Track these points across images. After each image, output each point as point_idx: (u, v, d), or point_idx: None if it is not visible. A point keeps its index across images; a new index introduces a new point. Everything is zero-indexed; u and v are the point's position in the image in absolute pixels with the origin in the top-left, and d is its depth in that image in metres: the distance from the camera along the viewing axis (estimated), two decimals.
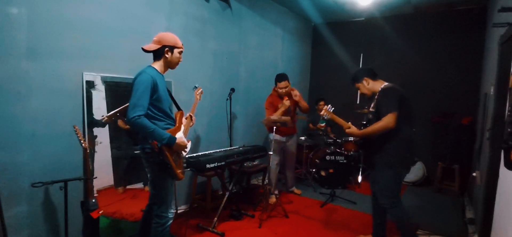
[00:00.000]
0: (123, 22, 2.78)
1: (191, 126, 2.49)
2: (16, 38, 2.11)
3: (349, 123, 2.64)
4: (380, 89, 2.57)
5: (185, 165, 2.28)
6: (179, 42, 2.20)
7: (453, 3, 4.59)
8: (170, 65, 2.21)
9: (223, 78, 3.99)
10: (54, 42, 2.30)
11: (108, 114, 2.68)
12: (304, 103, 3.84)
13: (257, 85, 4.66)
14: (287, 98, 3.69)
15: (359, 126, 2.69)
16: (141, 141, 2.14)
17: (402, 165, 2.50)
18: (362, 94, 2.73)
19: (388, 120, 2.35)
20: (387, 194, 2.51)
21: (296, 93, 3.72)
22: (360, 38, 5.62)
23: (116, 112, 2.72)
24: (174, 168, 2.11)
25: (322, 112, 2.74)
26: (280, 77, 3.73)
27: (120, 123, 2.72)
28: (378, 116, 2.47)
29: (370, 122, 2.62)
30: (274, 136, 3.57)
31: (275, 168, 3.90)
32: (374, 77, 2.63)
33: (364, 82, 2.62)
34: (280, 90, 3.73)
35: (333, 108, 2.74)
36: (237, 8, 4.14)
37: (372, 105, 2.64)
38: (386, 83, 2.58)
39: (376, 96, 2.60)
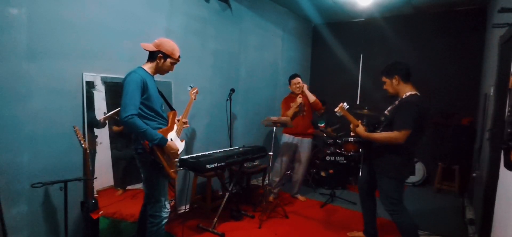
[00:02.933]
0: (123, 23, 2.78)
1: (184, 127, 2.50)
2: (16, 39, 2.11)
3: (359, 121, 2.57)
4: (403, 96, 2.43)
5: (177, 164, 2.28)
6: (176, 54, 2.22)
7: (453, 3, 4.59)
8: (159, 71, 2.22)
9: (223, 78, 3.99)
10: (54, 43, 2.30)
11: (107, 114, 2.68)
12: (313, 97, 3.83)
13: (257, 86, 4.66)
14: (301, 95, 3.77)
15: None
16: (133, 141, 2.15)
17: (404, 176, 2.47)
18: (384, 89, 2.58)
19: (399, 135, 2.28)
20: (390, 201, 2.47)
21: (304, 87, 3.84)
22: (360, 39, 5.62)
23: (116, 113, 2.72)
24: (166, 168, 2.12)
25: (336, 109, 2.67)
26: (293, 75, 3.93)
27: (114, 128, 2.72)
28: (390, 123, 2.39)
29: (380, 125, 2.54)
30: (283, 135, 3.79)
31: (281, 168, 3.89)
32: (406, 79, 2.46)
33: (394, 80, 2.47)
34: (294, 87, 3.85)
35: (348, 106, 2.66)
36: (237, 9, 4.14)
37: (389, 108, 2.54)
38: (411, 93, 2.42)
39: (396, 102, 2.48)
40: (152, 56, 2.17)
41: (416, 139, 2.35)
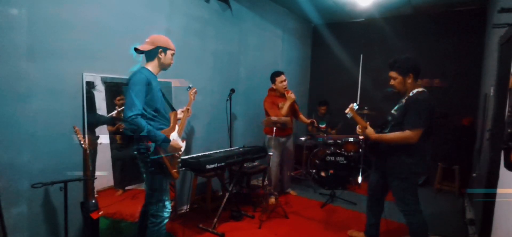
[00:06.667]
0: (123, 23, 2.78)
1: (188, 117, 2.54)
2: (16, 39, 2.11)
3: (367, 123, 2.50)
4: (411, 94, 2.35)
5: (180, 164, 2.29)
6: (172, 45, 2.25)
7: (453, 3, 4.59)
8: (163, 66, 2.24)
9: (223, 79, 3.99)
10: (54, 43, 2.30)
11: (119, 109, 2.71)
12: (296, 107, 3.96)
13: (257, 86, 4.65)
14: (289, 92, 3.74)
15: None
16: (136, 141, 2.15)
17: (417, 176, 2.43)
18: (391, 85, 2.48)
19: (412, 135, 2.22)
20: (405, 202, 2.42)
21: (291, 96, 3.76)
22: (360, 39, 5.62)
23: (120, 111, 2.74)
24: (169, 168, 2.13)
25: (347, 111, 2.55)
26: (278, 73, 3.83)
27: (109, 127, 2.73)
28: (399, 122, 2.33)
29: (387, 124, 2.48)
30: (273, 136, 3.59)
31: (276, 168, 3.90)
32: (417, 78, 2.39)
33: (408, 78, 2.36)
34: (280, 84, 3.78)
35: (357, 106, 2.57)
36: (237, 9, 4.14)
37: (395, 108, 2.47)
38: (419, 89, 2.35)
39: (404, 99, 2.40)
40: (151, 54, 2.17)
41: (426, 137, 2.29)
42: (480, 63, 4.54)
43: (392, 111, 2.49)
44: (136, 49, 2.16)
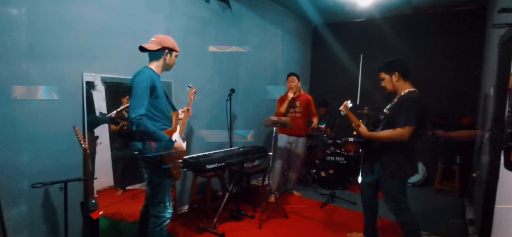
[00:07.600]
0: (123, 23, 2.78)
1: (188, 117, 2.56)
2: (16, 39, 2.11)
3: (361, 121, 2.54)
4: (403, 93, 2.42)
5: (181, 165, 2.29)
6: (177, 47, 2.27)
7: (453, 3, 4.59)
8: (166, 67, 2.25)
9: (223, 79, 3.99)
10: (54, 43, 2.30)
11: (118, 110, 2.72)
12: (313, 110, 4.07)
13: (257, 86, 4.66)
14: (291, 91, 3.87)
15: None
16: (138, 141, 2.14)
17: (407, 175, 2.46)
18: (382, 86, 2.56)
19: (403, 132, 2.26)
20: (395, 200, 2.45)
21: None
22: (360, 39, 5.62)
23: (124, 108, 2.74)
24: (171, 168, 2.13)
25: (341, 108, 2.61)
26: (288, 74, 4.03)
27: (112, 127, 2.73)
28: (391, 121, 2.37)
29: (379, 124, 2.52)
30: (280, 136, 3.73)
31: (279, 169, 3.94)
32: (406, 76, 2.46)
33: (393, 76, 2.45)
34: (287, 84, 3.97)
35: (351, 104, 2.62)
36: (237, 9, 4.14)
37: (387, 107, 2.52)
38: (411, 89, 2.42)
39: (395, 99, 2.47)
40: (156, 55, 2.17)
41: (417, 136, 2.34)
42: (480, 63, 4.53)
43: (385, 110, 2.53)
44: (141, 48, 2.15)
